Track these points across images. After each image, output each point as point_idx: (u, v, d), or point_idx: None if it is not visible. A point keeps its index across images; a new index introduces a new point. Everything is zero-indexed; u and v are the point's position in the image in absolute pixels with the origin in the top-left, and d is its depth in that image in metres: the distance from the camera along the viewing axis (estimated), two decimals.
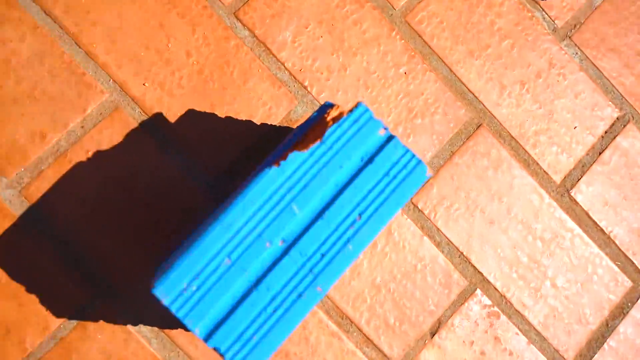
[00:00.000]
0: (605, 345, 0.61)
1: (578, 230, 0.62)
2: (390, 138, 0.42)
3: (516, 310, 0.60)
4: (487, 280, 0.60)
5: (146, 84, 0.56)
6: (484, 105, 0.62)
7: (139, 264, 0.55)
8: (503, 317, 0.60)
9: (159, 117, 0.56)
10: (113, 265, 0.54)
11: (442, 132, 0.61)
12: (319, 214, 0.41)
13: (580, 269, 0.62)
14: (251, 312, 0.39)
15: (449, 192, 0.60)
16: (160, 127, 0.56)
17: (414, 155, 0.42)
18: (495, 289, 0.60)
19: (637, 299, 0.63)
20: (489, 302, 0.60)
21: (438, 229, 0.60)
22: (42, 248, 0.53)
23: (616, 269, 0.62)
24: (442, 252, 0.60)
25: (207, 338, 0.38)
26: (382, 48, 0.61)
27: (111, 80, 0.56)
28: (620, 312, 0.62)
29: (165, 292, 0.38)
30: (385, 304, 0.58)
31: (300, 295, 0.39)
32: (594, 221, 0.63)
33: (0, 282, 0.52)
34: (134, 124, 0.56)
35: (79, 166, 0.54)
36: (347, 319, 0.57)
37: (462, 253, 0.60)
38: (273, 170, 0.40)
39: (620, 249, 0.63)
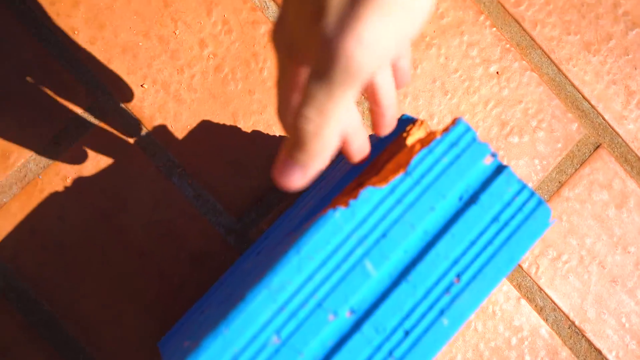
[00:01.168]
0: None
1: None
2: (500, 169, 0.43)
3: None
4: (605, 359, 0.61)
5: (145, 85, 0.59)
6: (604, 119, 0.63)
7: (133, 332, 0.56)
8: None
9: (162, 131, 0.58)
10: (97, 333, 0.56)
11: (547, 154, 0.62)
12: (402, 275, 0.41)
13: None
14: None
15: (556, 238, 0.61)
16: (164, 145, 0.58)
17: (533, 193, 0.42)
18: None
19: None
20: None
21: (541, 289, 0.61)
22: (7, 311, 0.55)
23: None
24: (546, 320, 0.60)
25: None
26: (465, 38, 0.62)
27: (98, 80, 0.58)
28: None
29: None
30: None
31: None
32: None
33: None
34: (129, 140, 0.58)
35: (53, 197, 0.56)
36: None
37: (572, 322, 0.61)
38: (339, 213, 0.41)
39: None
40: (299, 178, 0.36)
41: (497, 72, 0.62)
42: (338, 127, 0.34)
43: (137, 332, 0.56)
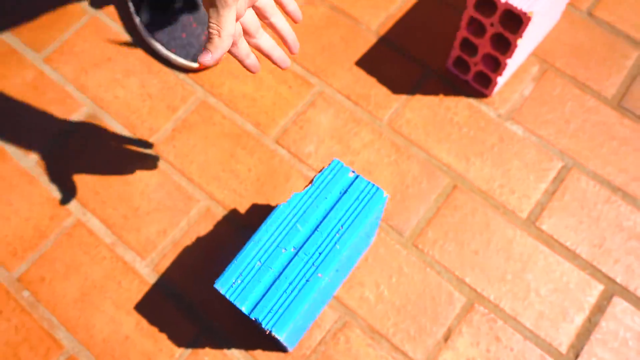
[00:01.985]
0: (591, 337, 0.62)
1: (548, 251, 0.65)
2: (357, 177, 0.51)
3: (510, 315, 0.62)
4: (481, 295, 0.64)
5: (225, 191, 0.69)
6: (457, 172, 0.69)
7: (229, 308, 0.63)
8: (500, 322, 0.62)
9: (234, 211, 0.68)
10: (211, 309, 0.63)
11: (428, 194, 0.68)
12: (315, 228, 0.49)
13: (557, 280, 0.64)
14: (277, 293, 0.47)
15: (441, 234, 0.66)
16: (235, 217, 0.68)
17: (374, 185, 0.50)
18: (490, 301, 0.63)
19: (611, 298, 0.64)
20: (486, 312, 0.63)
21: (437, 262, 0.65)
22: (167, 302, 0.63)
23: (587, 276, 0.64)
24: (443, 278, 0.64)
25: (250, 312, 0.46)
26: (376, 146, 0.71)
27: (204, 192, 0.69)
28: (598, 310, 0.63)
29: (222, 285, 0.48)
30: (405, 320, 0.62)
31: (307, 280, 0.47)
32: (559, 243, 0.66)
33: (144, 326, 0.63)
34: (219, 217, 0.68)
35: (186, 248, 0.66)
36: (377, 334, 0.62)
37: (458, 277, 0.64)
38: (283, 205, 0.50)
39: (586, 261, 0.65)
40: (209, 60, 0.38)
41: (395, 160, 0.70)
42: (229, 32, 0.36)
43: (229, 307, 0.64)
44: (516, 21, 0.61)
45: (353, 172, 0.51)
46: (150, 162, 0.70)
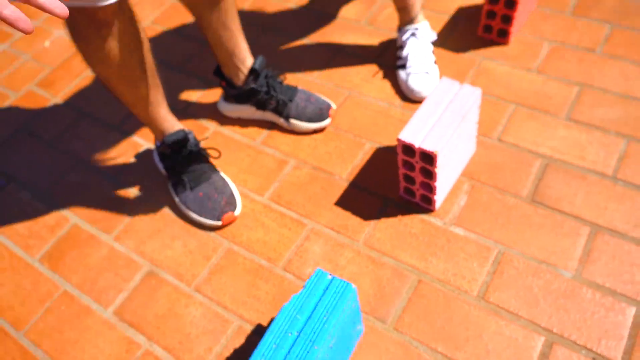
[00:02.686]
0: None
1: (497, 318, 0.86)
2: (333, 278, 0.75)
3: None
4: (452, 359, 0.83)
5: (251, 312, 0.91)
6: (419, 270, 0.92)
7: None
8: None
9: (259, 325, 0.91)
10: None
11: (400, 289, 0.90)
12: (310, 316, 0.71)
13: (507, 338, 0.83)
14: None
15: (414, 318, 0.87)
16: (260, 329, 0.91)
17: (347, 282, 0.74)
18: None
19: (552, 346, 0.83)
20: None
21: (414, 339, 0.85)
22: None
23: (529, 332, 0.84)
24: (420, 350, 0.84)
25: None
26: (357, 261, 0.96)
27: (235, 315, 0.92)
28: (543, 356, 0.82)
29: None
30: None
31: (308, 352, 0.69)
32: (505, 309, 0.86)
33: None
34: (249, 331, 0.90)
35: (227, 358, 0.89)
36: None
37: (431, 347, 0.84)
38: (286, 304, 0.73)
39: (527, 319, 0.85)
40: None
41: (373, 269, 0.95)
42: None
43: None
44: (430, 158, 0.90)
45: (331, 275, 0.76)
46: (195, 299, 0.96)
